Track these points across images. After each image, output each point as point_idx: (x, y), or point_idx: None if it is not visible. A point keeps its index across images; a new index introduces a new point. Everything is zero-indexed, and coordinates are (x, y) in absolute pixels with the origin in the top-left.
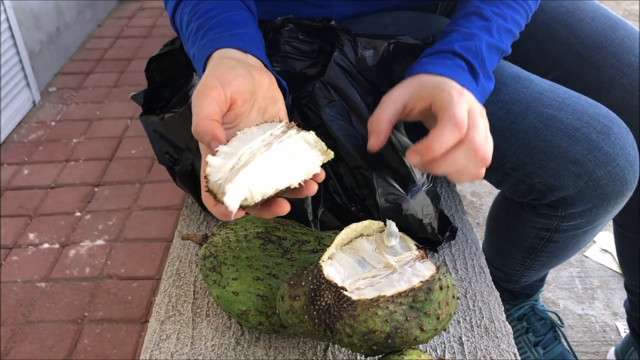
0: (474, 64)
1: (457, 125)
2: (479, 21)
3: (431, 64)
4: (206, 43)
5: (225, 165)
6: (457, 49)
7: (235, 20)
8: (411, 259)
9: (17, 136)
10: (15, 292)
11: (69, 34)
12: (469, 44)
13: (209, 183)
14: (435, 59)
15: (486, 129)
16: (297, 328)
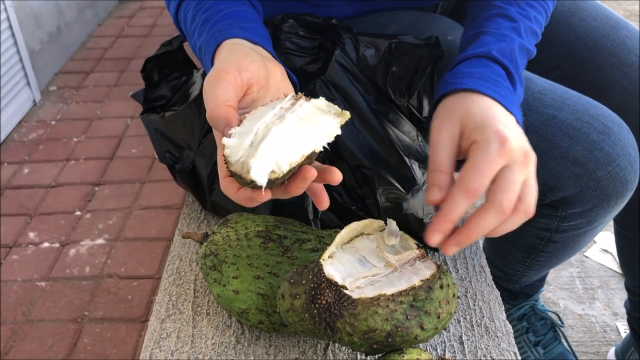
0: (510, 69)
1: (467, 192)
2: (506, 22)
3: (471, 77)
4: (214, 34)
5: (242, 144)
6: (495, 53)
7: (243, 15)
8: (412, 258)
9: (17, 135)
10: (15, 291)
11: (70, 33)
12: (503, 46)
13: (231, 165)
14: (473, 66)
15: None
16: (297, 327)
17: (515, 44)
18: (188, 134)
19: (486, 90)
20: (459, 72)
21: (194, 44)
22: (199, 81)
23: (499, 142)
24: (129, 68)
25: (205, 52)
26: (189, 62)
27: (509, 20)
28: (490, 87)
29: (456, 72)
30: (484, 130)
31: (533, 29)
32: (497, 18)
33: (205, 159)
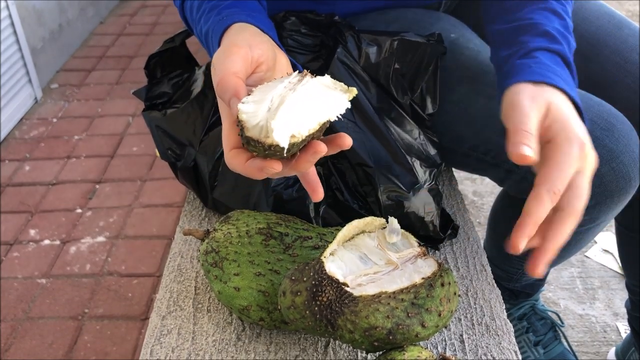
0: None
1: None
2: (558, 20)
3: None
4: (223, 18)
5: (260, 109)
6: (569, 56)
7: (249, 5)
8: (413, 256)
9: (18, 132)
10: (16, 288)
11: (71, 31)
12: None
13: (248, 130)
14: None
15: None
16: (298, 324)
17: (572, 46)
18: (190, 131)
19: (572, 94)
20: (543, 64)
21: (199, 30)
22: (201, 78)
23: (579, 145)
24: (131, 66)
25: (212, 35)
26: (191, 59)
27: (559, 18)
28: (572, 90)
29: (540, 63)
30: (567, 128)
31: (572, 26)
32: (546, 12)
33: (207, 156)
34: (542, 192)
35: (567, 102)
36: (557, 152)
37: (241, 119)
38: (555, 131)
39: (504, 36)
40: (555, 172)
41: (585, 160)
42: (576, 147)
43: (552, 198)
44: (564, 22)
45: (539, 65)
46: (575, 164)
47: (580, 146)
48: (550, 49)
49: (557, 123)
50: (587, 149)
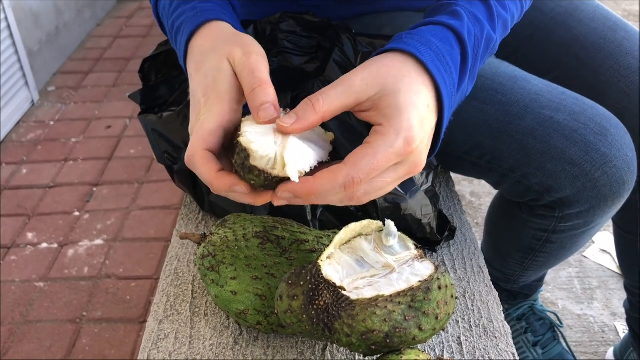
0: (468, 60)
1: (346, 187)
2: (481, 5)
3: (428, 47)
4: (197, 13)
5: (267, 142)
6: (465, 34)
7: (223, 6)
8: (410, 259)
9: (15, 135)
10: (14, 292)
11: (68, 33)
12: (474, 31)
13: (255, 160)
14: (437, 36)
15: (390, 182)
16: (295, 328)
17: (484, 32)
18: (186, 135)
19: (433, 70)
20: (418, 34)
21: (171, 24)
22: None
23: (405, 139)
24: (128, 68)
25: (184, 28)
26: None
27: (484, 4)
28: (438, 67)
29: (417, 33)
30: (399, 117)
31: (505, 20)
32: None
33: None
34: (341, 172)
35: (423, 81)
36: (379, 138)
37: (248, 148)
38: (386, 117)
39: (425, 15)
40: (366, 159)
41: (406, 157)
42: (401, 141)
43: (347, 185)
44: (488, 10)
45: (412, 35)
46: (394, 158)
47: (407, 141)
48: (442, 22)
49: (390, 109)
50: (415, 148)
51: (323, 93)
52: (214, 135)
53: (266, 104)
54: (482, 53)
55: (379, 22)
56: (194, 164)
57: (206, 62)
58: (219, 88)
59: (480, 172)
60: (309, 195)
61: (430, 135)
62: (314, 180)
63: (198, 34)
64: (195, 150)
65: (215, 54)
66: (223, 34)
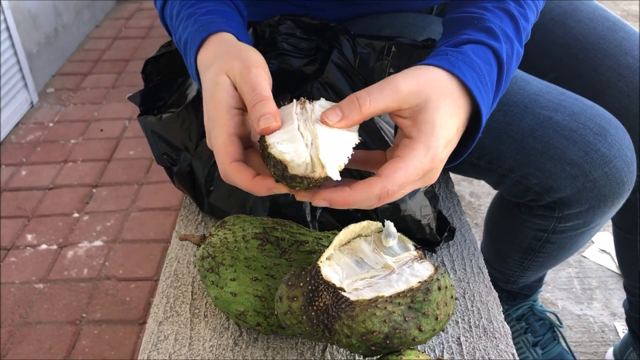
0: (503, 78)
1: (381, 199)
2: (508, 20)
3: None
4: (200, 27)
5: (299, 147)
6: (504, 55)
7: (226, 14)
8: (409, 260)
9: (15, 137)
10: (13, 294)
11: (67, 35)
12: (507, 49)
13: (294, 169)
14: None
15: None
16: (295, 329)
17: (514, 49)
18: (185, 136)
19: (476, 93)
20: (463, 53)
21: (178, 38)
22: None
23: (431, 157)
24: (127, 70)
25: (190, 45)
26: None
27: (510, 19)
28: (480, 88)
29: (462, 53)
30: (432, 136)
31: (527, 31)
32: (497, 10)
33: (203, 161)
34: (377, 185)
35: (462, 102)
36: (410, 152)
37: (283, 159)
38: (419, 132)
39: (449, 25)
40: (399, 173)
41: (428, 170)
42: (429, 158)
43: (381, 195)
44: (515, 25)
45: (457, 54)
46: (421, 173)
47: (432, 158)
48: (484, 42)
49: (426, 126)
50: (437, 165)
51: (371, 94)
52: (231, 145)
53: (266, 114)
54: (513, 69)
55: (378, 24)
56: (229, 178)
57: (205, 77)
58: (216, 100)
59: (480, 173)
60: (346, 205)
61: (449, 153)
62: (352, 191)
63: (202, 48)
64: (224, 165)
65: (213, 68)
66: (222, 46)
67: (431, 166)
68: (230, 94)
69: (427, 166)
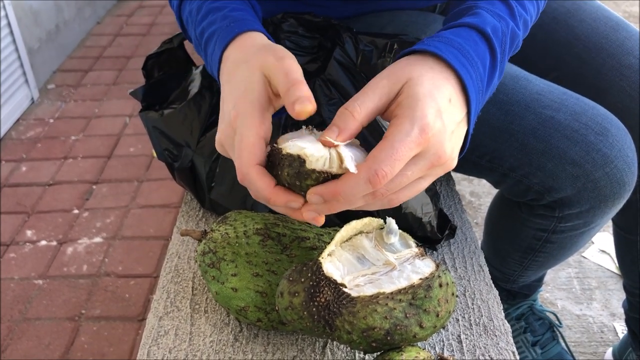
0: (497, 53)
1: (372, 182)
2: (501, 5)
3: (449, 44)
4: (231, 23)
5: (317, 146)
6: (489, 30)
7: (252, 14)
8: (411, 257)
9: (15, 133)
10: (13, 289)
11: (68, 32)
12: (498, 26)
13: (312, 163)
14: (459, 35)
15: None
16: (296, 324)
17: (508, 27)
18: (187, 132)
19: (454, 63)
20: (440, 36)
21: (200, 31)
22: (198, 79)
23: (420, 127)
24: (128, 66)
25: (218, 38)
26: (189, 60)
27: (505, 4)
28: (461, 60)
29: (437, 35)
30: (414, 107)
31: (525, 19)
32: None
33: (204, 157)
34: (362, 168)
35: (445, 75)
36: (394, 130)
37: (302, 154)
38: (402, 107)
39: (446, 22)
40: (385, 152)
41: (425, 145)
42: (416, 129)
43: (371, 178)
44: (509, 9)
45: (433, 38)
46: (413, 147)
47: (422, 129)
48: (464, 23)
49: (408, 99)
50: (433, 135)
51: (357, 99)
52: (259, 148)
53: (302, 97)
54: (509, 49)
55: (381, 21)
56: (250, 180)
57: (237, 73)
58: (249, 98)
59: (481, 172)
60: (336, 195)
61: (457, 130)
62: (339, 181)
63: (232, 44)
64: (248, 166)
65: (248, 65)
66: (256, 44)
67: (424, 138)
68: (264, 94)
69: (418, 138)
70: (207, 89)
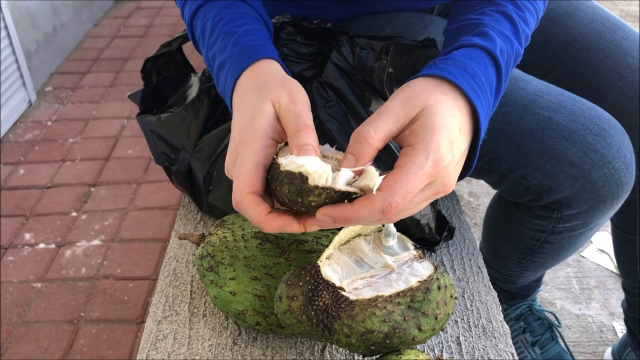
0: (502, 75)
1: (385, 212)
2: (506, 22)
3: (462, 69)
4: (242, 51)
5: (318, 160)
6: (498, 53)
7: (262, 34)
8: (409, 259)
9: (13, 136)
10: (11, 293)
11: (66, 34)
12: (504, 48)
13: (314, 180)
14: (471, 57)
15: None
16: (294, 328)
17: (513, 48)
18: (184, 136)
19: (468, 92)
20: (454, 59)
21: (212, 56)
22: (196, 84)
23: (433, 160)
24: (125, 68)
25: (230, 68)
26: (187, 64)
27: (509, 21)
28: (474, 88)
29: (451, 58)
30: (428, 139)
31: (527, 34)
32: (495, 14)
33: (201, 161)
34: (378, 199)
35: (458, 103)
36: (409, 160)
37: (304, 171)
38: (417, 137)
39: (449, 35)
40: (399, 183)
41: (435, 177)
42: (430, 162)
43: (385, 209)
44: (514, 27)
45: (446, 60)
46: (425, 179)
47: (435, 162)
48: (475, 44)
49: (424, 130)
50: (444, 167)
51: (371, 124)
52: (256, 175)
53: (308, 145)
54: (512, 68)
55: (379, 23)
56: (243, 209)
57: (248, 100)
58: (255, 125)
59: (479, 173)
60: (347, 221)
61: (461, 159)
62: (352, 206)
63: (244, 74)
64: (242, 195)
65: (260, 94)
66: (272, 74)
67: (435, 170)
68: (271, 123)
69: (430, 171)
70: (205, 94)
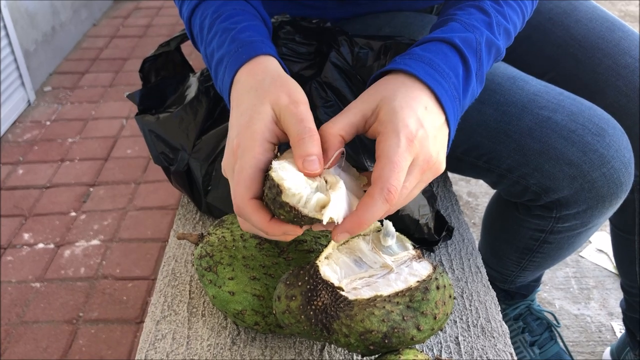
0: (470, 62)
1: (388, 200)
2: (478, 14)
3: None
4: (239, 47)
5: (299, 179)
6: (457, 40)
7: (261, 30)
8: (408, 259)
9: (11, 136)
10: (10, 293)
11: (64, 34)
12: (469, 36)
13: (287, 197)
14: (429, 50)
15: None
16: (293, 328)
17: (483, 36)
18: (183, 136)
19: (425, 77)
20: (411, 53)
21: (210, 52)
22: (195, 84)
23: (406, 136)
24: (124, 68)
25: (227, 64)
26: (185, 64)
27: (482, 13)
28: (431, 74)
29: (408, 53)
30: (394, 119)
31: (506, 28)
32: (469, 8)
33: (200, 161)
34: (375, 191)
35: (416, 88)
36: (385, 145)
37: (281, 184)
38: (384, 122)
39: (430, 32)
40: (387, 168)
41: (417, 155)
42: (403, 139)
43: (387, 197)
44: (487, 18)
45: (403, 56)
46: (407, 157)
47: (408, 137)
48: (433, 38)
49: (387, 114)
50: (419, 142)
51: (330, 121)
52: (255, 181)
53: (312, 155)
54: (486, 56)
55: (378, 23)
56: (245, 214)
57: (246, 100)
58: (253, 128)
59: (478, 172)
60: (362, 226)
61: (438, 134)
62: (358, 211)
63: (241, 70)
64: (243, 201)
65: (257, 94)
66: (269, 72)
67: (411, 146)
68: (269, 127)
69: (407, 146)
70: (204, 94)
